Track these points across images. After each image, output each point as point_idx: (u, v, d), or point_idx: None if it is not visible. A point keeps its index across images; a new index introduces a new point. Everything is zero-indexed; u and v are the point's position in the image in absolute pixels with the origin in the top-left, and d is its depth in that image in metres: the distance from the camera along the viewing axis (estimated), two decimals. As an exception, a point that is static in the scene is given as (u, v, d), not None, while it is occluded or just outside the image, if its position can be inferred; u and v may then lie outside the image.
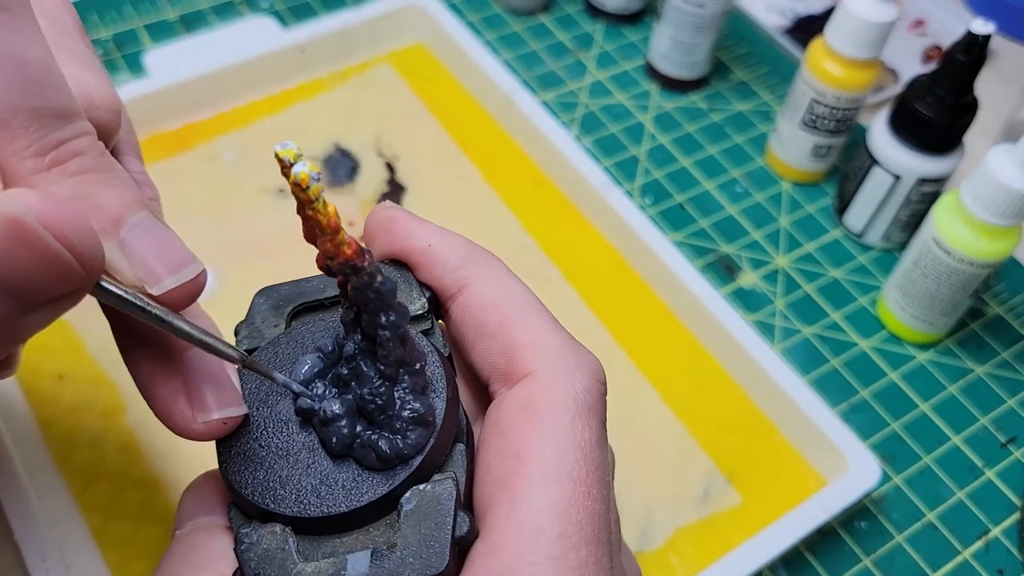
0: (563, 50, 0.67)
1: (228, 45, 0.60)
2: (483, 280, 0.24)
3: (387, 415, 0.21)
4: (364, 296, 0.21)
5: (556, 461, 0.21)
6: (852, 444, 0.45)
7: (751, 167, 0.61)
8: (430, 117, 0.60)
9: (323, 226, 0.20)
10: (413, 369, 0.22)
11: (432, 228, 0.24)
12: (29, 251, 0.17)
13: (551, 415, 0.21)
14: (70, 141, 0.19)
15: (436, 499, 0.21)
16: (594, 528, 0.21)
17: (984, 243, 0.47)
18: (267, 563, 0.21)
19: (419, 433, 0.21)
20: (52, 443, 0.43)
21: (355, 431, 0.22)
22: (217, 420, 0.22)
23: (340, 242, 0.20)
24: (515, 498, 0.21)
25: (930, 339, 0.53)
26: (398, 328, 0.21)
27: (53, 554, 0.39)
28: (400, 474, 0.21)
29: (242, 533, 0.21)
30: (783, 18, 0.71)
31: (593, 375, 0.23)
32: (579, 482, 0.21)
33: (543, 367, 0.22)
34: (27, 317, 0.18)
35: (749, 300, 0.54)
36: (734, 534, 0.45)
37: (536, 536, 0.20)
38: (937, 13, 0.72)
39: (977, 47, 0.48)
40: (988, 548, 0.47)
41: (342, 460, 0.22)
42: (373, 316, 0.21)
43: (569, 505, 0.20)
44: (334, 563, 0.20)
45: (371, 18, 0.62)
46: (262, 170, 0.56)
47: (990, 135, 0.64)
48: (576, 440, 0.21)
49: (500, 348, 0.23)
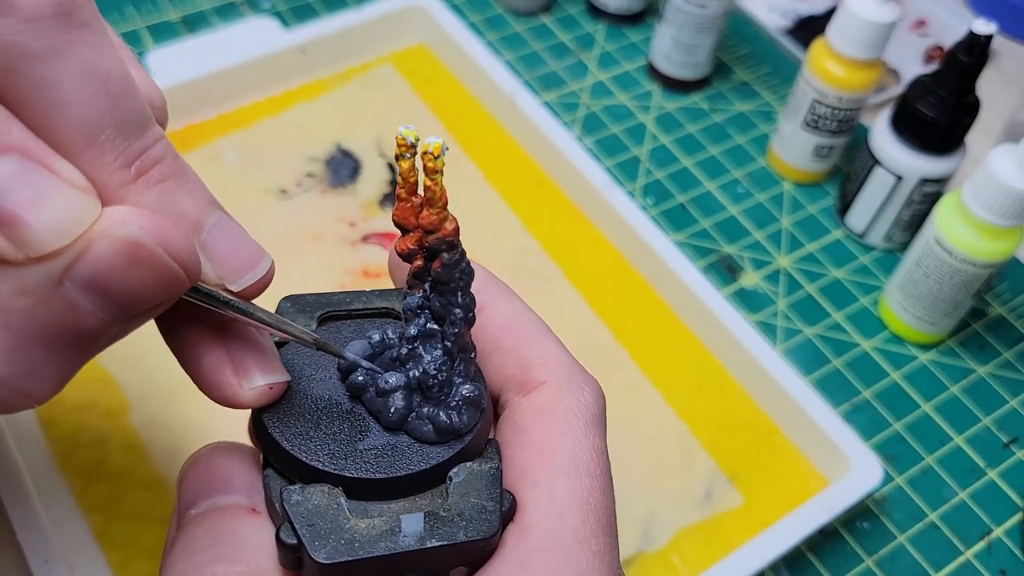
0: (565, 51, 0.67)
1: (230, 46, 0.60)
2: (498, 304, 0.25)
3: (445, 392, 0.23)
4: (450, 274, 0.22)
5: (575, 458, 0.23)
6: (854, 444, 0.45)
7: (753, 167, 0.61)
8: (432, 118, 0.60)
9: (437, 197, 0.21)
10: (468, 356, 0.23)
11: None
12: (146, 270, 0.18)
13: (567, 418, 0.23)
14: (150, 149, 0.19)
15: (483, 475, 0.22)
16: (608, 521, 0.22)
17: (986, 243, 0.47)
18: (319, 516, 0.21)
19: (472, 414, 0.23)
20: (55, 443, 0.43)
21: (411, 404, 0.23)
22: (263, 386, 0.22)
23: (446, 217, 0.21)
24: (540, 486, 0.22)
25: (932, 339, 0.53)
26: (470, 310, 0.23)
27: (55, 554, 0.39)
28: (453, 448, 0.23)
29: (289, 490, 0.22)
30: (784, 18, 0.71)
31: (597, 393, 0.25)
32: (595, 478, 0.23)
33: (556, 379, 0.24)
34: (128, 324, 0.19)
35: (751, 300, 0.54)
36: (736, 534, 0.45)
37: (561, 522, 0.22)
38: (939, 13, 0.72)
39: (979, 47, 0.48)
40: (990, 548, 0.46)
41: (393, 433, 0.23)
42: (452, 295, 0.22)
43: (589, 496, 0.22)
44: (388, 521, 0.21)
45: (372, 19, 0.62)
46: (264, 171, 0.56)
47: (992, 135, 0.64)
48: (591, 441, 0.23)
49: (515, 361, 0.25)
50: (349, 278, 0.52)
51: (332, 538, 0.21)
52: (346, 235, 0.54)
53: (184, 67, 0.57)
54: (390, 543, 0.21)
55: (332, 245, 0.53)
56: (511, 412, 0.24)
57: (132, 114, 0.19)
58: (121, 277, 0.18)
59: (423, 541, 0.21)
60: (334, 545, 0.21)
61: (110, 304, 0.18)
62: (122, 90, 0.19)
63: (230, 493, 0.23)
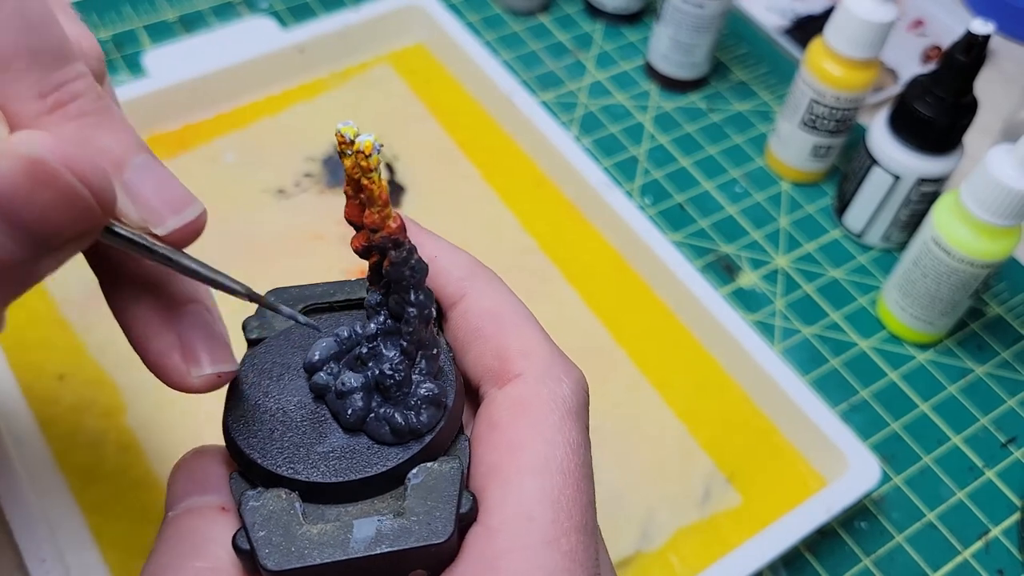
0: (563, 50, 0.67)
1: (228, 46, 0.60)
2: (482, 291, 0.25)
3: (403, 392, 0.22)
4: (399, 272, 0.22)
5: (547, 454, 0.22)
6: (852, 444, 0.45)
7: (751, 167, 0.61)
8: (430, 117, 0.60)
9: (375, 196, 0.21)
10: (430, 353, 0.23)
11: (442, 242, 0.25)
12: (51, 191, 0.17)
13: (541, 412, 0.22)
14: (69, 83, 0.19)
15: (442, 476, 0.22)
16: (583, 518, 0.22)
17: (984, 243, 0.47)
18: (272, 523, 0.21)
19: (431, 413, 0.22)
20: (52, 443, 0.43)
21: (370, 405, 0.22)
22: (211, 374, 0.22)
23: (388, 215, 0.21)
24: (509, 485, 0.21)
25: (930, 339, 0.53)
26: (425, 307, 0.22)
27: (53, 554, 0.39)
28: (411, 449, 0.22)
29: (247, 495, 0.22)
30: (782, 18, 0.71)
31: (578, 383, 0.24)
32: (569, 474, 0.22)
33: (533, 370, 0.23)
34: (41, 261, 0.18)
35: (749, 300, 0.54)
36: (734, 534, 0.45)
37: (529, 522, 0.21)
38: (937, 13, 0.72)
39: (977, 47, 0.48)
40: (988, 548, 0.47)
41: (353, 434, 0.22)
42: (404, 293, 0.22)
43: (560, 494, 0.21)
44: (339, 527, 0.21)
45: (371, 18, 0.62)
46: (262, 171, 0.56)
47: (990, 135, 0.64)
48: (565, 437, 0.22)
49: (494, 351, 0.24)
50: (347, 278, 0.52)
51: (283, 545, 0.21)
52: (344, 235, 0.54)
53: (182, 67, 0.57)
54: (339, 550, 0.20)
55: (330, 245, 0.53)
56: (486, 406, 0.23)
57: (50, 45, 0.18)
58: (25, 198, 0.17)
59: (372, 547, 0.20)
60: (284, 552, 0.20)
61: (17, 230, 0.17)
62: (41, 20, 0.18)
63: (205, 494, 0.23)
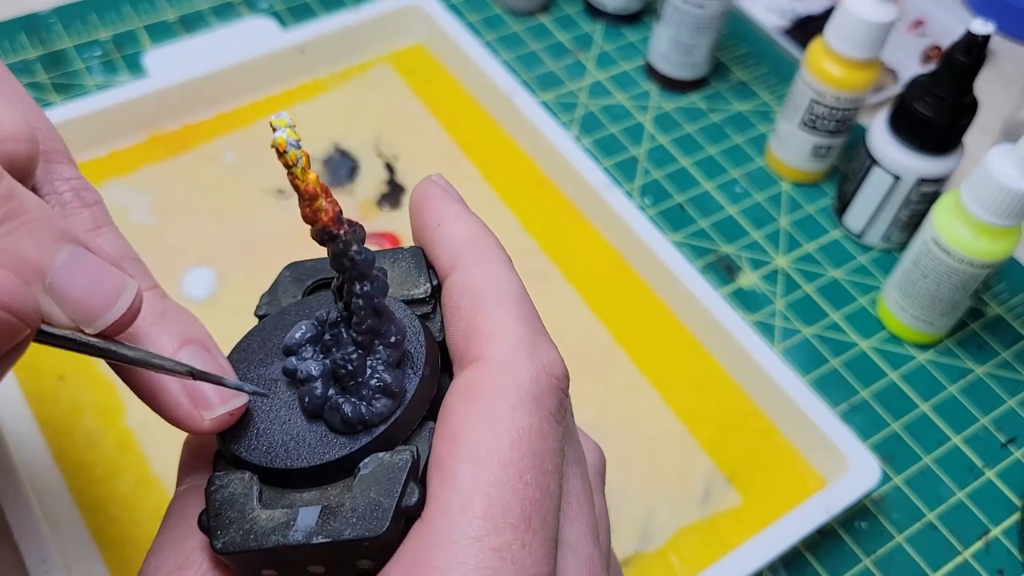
0: (563, 51, 0.67)
1: (228, 46, 0.60)
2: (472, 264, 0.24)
3: (356, 381, 0.22)
4: (340, 264, 0.22)
5: (487, 443, 0.21)
6: (852, 444, 0.45)
7: (751, 167, 0.61)
8: (430, 117, 0.60)
9: (300, 191, 0.21)
10: (388, 342, 0.22)
11: (452, 209, 0.25)
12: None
13: (490, 399, 0.21)
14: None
15: (391, 467, 0.21)
16: (524, 513, 0.20)
17: (984, 243, 0.47)
18: (229, 505, 0.22)
19: (384, 403, 0.22)
20: (52, 443, 0.43)
21: (327, 394, 0.22)
22: (224, 413, 0.22)
23: (318, 208, 0.21)
24: (444, 476, 0.21)
25: (930, 339, 0.53)
26: (372, 298, 0.22)
27: (53, 554, 0.39)
28: (361, 440, 0.22)
29: (215, 476, 0.22)
30: (782, 18, 0.71)
31: (546, 368, 0.22)
32: (510, 465, 0.20)
33: (494, 354, 0.22)
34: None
35: (749, 300, 0.54)
36: (734, 534, 0.45)
37: (460, 514, 0.20)
38: (937, 13, 0.72)
39: (977, 47, 0.48)
40: (988, 548, 0.46)
41: (315, 421, 0.23)
42: (349, 284, 0.22)
43: (497, 487, 0.20)
44: (287, 513, 0.21)
45: (371, 19, 0.62)
46: (262, 171, 0.56)
47: (990, 135, 0.64)
48: (513, 425, 0.21)
49: (464, 331, 0.23)
50: (347, 278, 0.52)
51: (233, 527, 0.21)
52: (344, 235, 0.54)
53: (182, 67, 0.57)
54: (280, 536, 0.21)
55: (330, 245, 0.53)
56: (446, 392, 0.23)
57: None
58: None
59: (310, 537, 0.21)
60: (232, 535, 0.21)
61: None
62: None
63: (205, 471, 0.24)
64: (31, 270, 0.19)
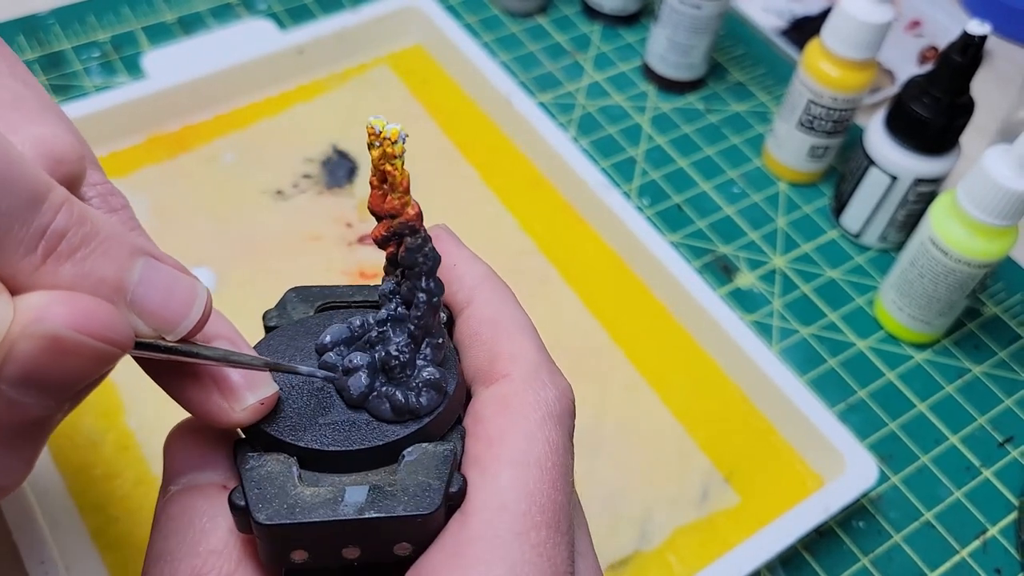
0: (560, 51, 0.67)
1: (226, 47, 0.60)
2: (487, 299, 0.26)
3: (407, 374, 0.23)
4: (413, 258, 0.23)
5: (526, 448, 0.22)
6: (850, 444, 0.45)
7: (748, 168, 0.62)
8: (428, 118, 0.61)
9: (397, 182, 0.22)
10: (436, 342, 0.24)
11: (464, 252, 0.26)
12: (75, 357, 0.18)
13: (523, 409, 0.23)
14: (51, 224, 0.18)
15: (436, 455, 0.23)
16: (555, 515, 0.22)
17: (981, 243, 0.47)
18: (269, 481, 0.22)
19: (432, 396, 0.23)
20: (51, 443, 0.43)
21: (373, 383, 0.23)
22: (255, 403, 0.22)
23: (407, 202, 0.22)
24: (486, 475, 0.22)
25: (927, 339, 0.53)
26: (435, 295, 0.23)
27: (52, 555, 0.39)
28: (409, 427, 0.23)
29: (248, 456, 0.22)
30: (779, 19, 0.71)
31: (564, 392, 0.24)
32: (546, 471, 0.22)
33: (520, 372, 0.24)
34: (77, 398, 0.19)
35: (746, 300, 0.55)
36: (732, 534, 0.45)
37: (501, 512, 0.21)
38: (933, 14, 0.73)
39: (973, 48, 0.48)
40: (986, 547, 0.47)
41: (355, 410, 0.23)
42: (416, 280, 0.23)
43: (535, 488, 0.22)
44: (332, 491, 0.22)
45: (369, 20, 0.62)
46: (261, 171, 0.56)
47: (986, 136, 0.64)
48: (546, 435, 0.23)
49: (487, 354, 0.25)
50: (346, 279, 0.52)
51: (276, 502, 0.21)
52: (343, 236, 0.54)
53: (181, 68, 0.57)
54: (329, 511, 0.21)
55: (329, 246, 0.53)
56: (473, 403, 0.24)
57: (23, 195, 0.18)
58: (51, 369, 0.18)
59: (362, 512, 0.21)
60: (276, 508, 0.21)
61: (48, 393, 0.18)
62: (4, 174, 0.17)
63: (205, 470, 0.24)
64: (113, 290, 0.19)
